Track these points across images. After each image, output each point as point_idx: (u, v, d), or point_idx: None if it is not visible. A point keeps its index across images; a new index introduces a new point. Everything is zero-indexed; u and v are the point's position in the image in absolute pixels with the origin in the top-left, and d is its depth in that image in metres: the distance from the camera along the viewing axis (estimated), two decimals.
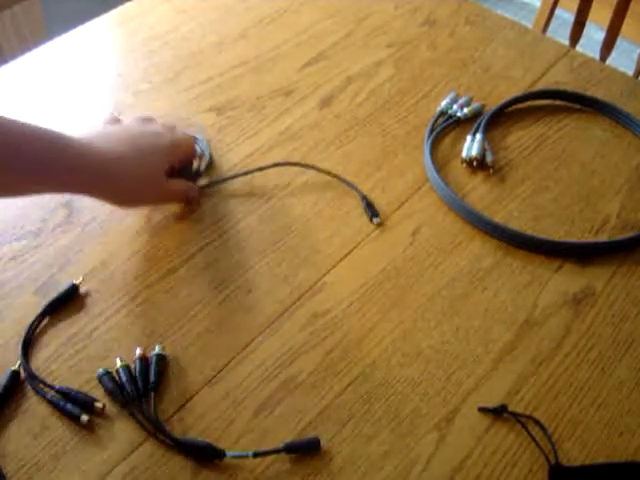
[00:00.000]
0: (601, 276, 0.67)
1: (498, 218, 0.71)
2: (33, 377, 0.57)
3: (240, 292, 0.64)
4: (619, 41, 1.30)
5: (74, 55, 0.87)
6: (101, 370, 0.57)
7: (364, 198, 0.71)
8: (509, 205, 0.73)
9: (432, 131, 0.79)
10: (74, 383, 0.57)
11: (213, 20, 0.93)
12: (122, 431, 0.54)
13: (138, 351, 0.58)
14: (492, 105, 0.82)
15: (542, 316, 0.63)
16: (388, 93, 0.84)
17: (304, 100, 0.83)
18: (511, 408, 0.57)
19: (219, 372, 0.58)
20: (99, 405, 0.55)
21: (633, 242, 0.69)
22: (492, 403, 0.57)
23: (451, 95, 0.82)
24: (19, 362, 0.58)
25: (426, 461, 0.54)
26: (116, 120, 0.70)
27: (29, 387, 0.57)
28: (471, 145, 0.77)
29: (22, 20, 1.57)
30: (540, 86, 0.86)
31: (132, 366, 0.57)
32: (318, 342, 0.61)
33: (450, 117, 0.81)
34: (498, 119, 0.82)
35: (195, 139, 0.73)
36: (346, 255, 0.67)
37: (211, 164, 0.74)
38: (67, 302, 0.62)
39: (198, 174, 0.72)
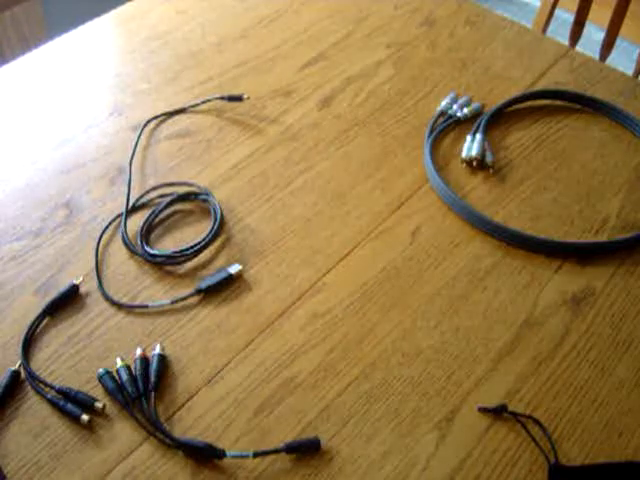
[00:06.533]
0: (601, 276, 0.67)
1: (498, 218, 0.71)
2: (33, 377, 0.57)
3: (240, 292, 0.64)
4: (619, 41, 1.30)
5: (74, 55, 0.87)
6: (101, 370, 0.57)
7: None
8: (509, 205, 0.73)
9: (432, 131, 0.79)
10: (74, 383, 0.57)
11: (213, 20, 0.93)
12: (122, 431, 0.54)
13: (138, 351, 0.58)
14: (492, 105, 0.82)
15: (542, 316, 0.63)
16: (388, 93, 0.84)
17: (304, 100, 0.83)
18: (511, 408, 0.57)
19: (219, 372, 0.58)
20: (99, 405, 0.55)
21: (633, 242, 0.69)
22: (492, 403, 0.57)
23: (451, 95, 0.82)
24: (19, 362, 0.58)
25: (426, 461, 0.54)
26: None
27: (29, 387, 0.57)
28: (471, 145, 0.77)
29: (22, 20, 1.57)
30: (540, 86, 0.86)
31: (132, 366, 0.57)
32: (318, 342, 0.61)
33: (450, 117, 0.81)
34: (498, 119, 0.82)
35: None
36: (346, 255, 0.67)
37: None
38: (67, 302, 0.62)
39: None
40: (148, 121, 0.78)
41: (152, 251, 0.66)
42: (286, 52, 0.89)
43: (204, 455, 0.53)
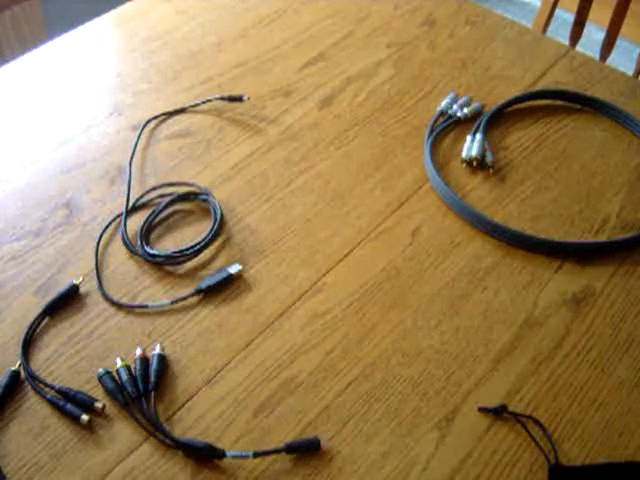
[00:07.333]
0: (601, 276, 0.67)
1: (498, 218, 0.71)
2: (33, 377, 0.57)
3: (240, 292, 0.64)
4: (619, 41, 1.30)
5: (74, 55, 0.87)
6: (101, 370, 0.57)
7: None
8: (509, 205, 0.73)
9: (432, 131, 0.79)
10: (74, 383, 0.57)
11: (213, 20, 0.93)
12: (122, 431, 0.54)
13: (138, 351, 0.58)
14: (492, 105, 0.82)
15: (542, 316, 0.63)
16: (388, 93, 0.84)
17: (304, 100, 0.83)
18: (511, 408, 0.57)
19: (219, 372, 0.58)
20: (99, 405, 0.55)
21: (633, 242, 0.69)
22: (492, 403, 0.57)
23: (451, 95, 0.82)
24: (19, 362, 0.58)
25: (426, 461, 0.54)
26: None
27: (29, 387, 0.57)
28: (471, 145, 0.77)
29: (22, 20, 1.57)
30: (540, 86, 0.86)
31: (132, 366, 0.57)
32: (318, 342, 0.61)
33: (450, 117, 0.81)
34: (498, 119, 0.82)
35: None
36: (346, 255, 0.67)
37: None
38: (67, 302, 0.62)
39: None
40: (148, 121, 0.78)
41: (152, 251, 0.66)
42: (286, 52, 0.89)
43: (204, 455, 0.53)
